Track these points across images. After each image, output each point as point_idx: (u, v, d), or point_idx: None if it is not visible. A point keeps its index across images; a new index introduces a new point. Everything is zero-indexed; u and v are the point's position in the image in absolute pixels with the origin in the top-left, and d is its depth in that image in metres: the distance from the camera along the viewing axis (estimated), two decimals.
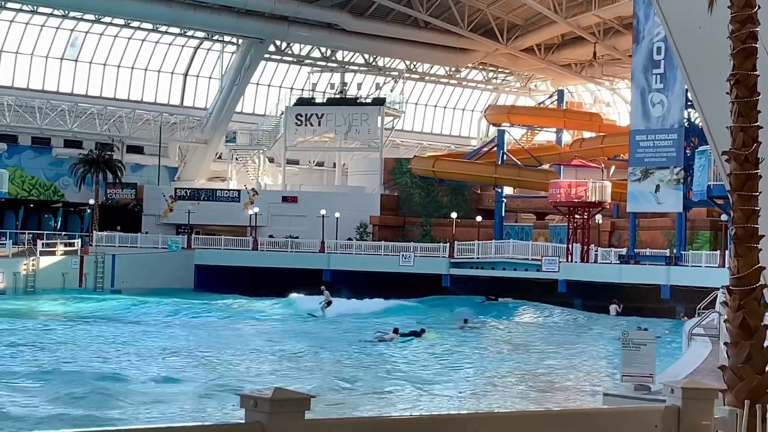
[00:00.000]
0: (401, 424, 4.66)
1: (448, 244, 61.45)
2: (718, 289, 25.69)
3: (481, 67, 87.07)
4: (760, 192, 6.47)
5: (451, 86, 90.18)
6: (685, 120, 55.17)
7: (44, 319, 43.04)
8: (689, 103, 52.29)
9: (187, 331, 40.49)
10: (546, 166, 69.23)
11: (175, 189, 71.17)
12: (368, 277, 59.50)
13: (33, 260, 58.72)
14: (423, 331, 39.69)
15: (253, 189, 71.20)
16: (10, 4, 68.08)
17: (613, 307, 50.92)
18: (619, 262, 55.56)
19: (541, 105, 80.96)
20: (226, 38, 76.20)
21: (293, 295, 55.14)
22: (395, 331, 38.47)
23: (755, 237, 6.47)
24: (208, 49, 77.62)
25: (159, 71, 76.12)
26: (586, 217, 59.02)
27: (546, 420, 5.16)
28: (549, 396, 25.82)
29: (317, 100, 76.58)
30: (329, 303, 50.65)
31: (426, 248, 62.34)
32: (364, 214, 69.22)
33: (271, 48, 76.89)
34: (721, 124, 6.15)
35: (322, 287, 52.70)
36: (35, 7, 68.62)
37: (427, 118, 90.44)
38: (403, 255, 60.78)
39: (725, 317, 5.89)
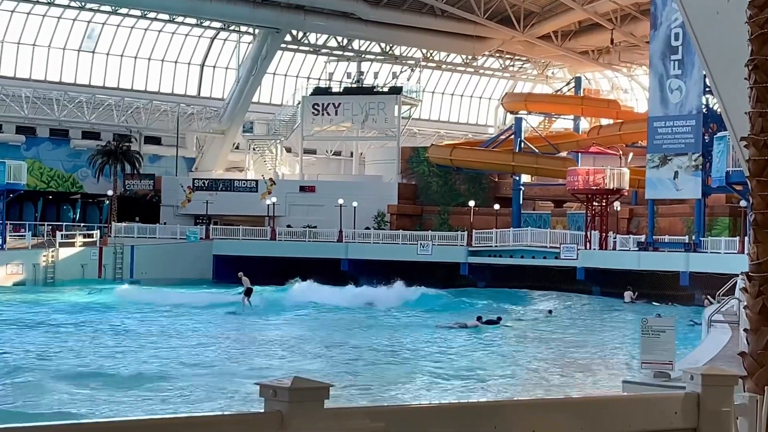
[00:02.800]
0: (420, 413, 4.66)
1: (466, 233, 61.46)
2: (737, 275, 25.65)
3: (497, 54, 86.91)
4: None
5: (468, 74, 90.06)
6: (703, 106, 54.98)
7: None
8: (707, 89, 52.09)
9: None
10: (564, 154, 69.10)
11: (193, 179, 71.33)
12: (386, 266, 59.55)
13: (52, 252, 58.99)
14: (499, 318, 40.45)
15: (270, 179, 71.29)
16: None
17: (627, 294, 50.92)
18: (637, 249, 55.44)
19: (559, 92, 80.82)
20: (243, 28, 76.28)
21: (122, 287, 51.73)
22: (478, 318, 39.24)
23: None
24: (225, 39, 77.73)
25: (176, 62, 76.29)
26: (604, 204, 58.89)
27: (565, 407, 5.15)
28: (569, 383, 25.81)
29: (334, 90, 76.63)
30: (250, 291, 46.53)
31: (444, 237, 62.36)
32: (381, 203, 69.25)
33: (288, 38, 76.94)
34: (740, 109, 6.11)
35: (240, 273, 48.05)
36: None
37: (444, 106, 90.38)
38: (421, 244, 60.81)
39: (745, 303, 5.86)
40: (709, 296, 41.90)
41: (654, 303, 48.61)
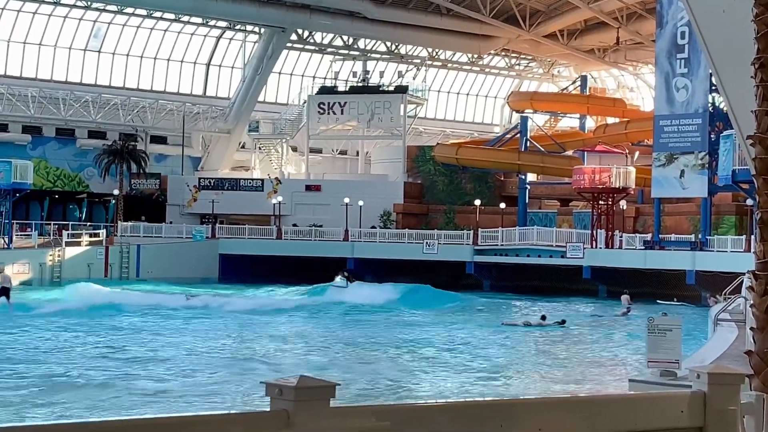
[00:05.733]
0: (426, 411, 4.67)
1: (471, 232, 61.45)
2: (743, 274, 25.61)
3: (503, 53, 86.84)
4: None
5: (474, 73, 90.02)
6: (709, 104, 54.90)
7: None
8: (713, 88, 52.07)
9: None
10: (570, 153, 69.08)
11: (199, 179, 71.39)
12: (392, 265, 59.62)
13: (58, 251, 59.08)
14: (564, 321, 40.62)
15: (276, 178, 71.33)
16: None
17: (624, 298, 50.88)
18: (643, 247, 55.41)
19: (564, 91, 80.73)
20: (248, 27, 76.29)
21: None
22: (543, 317, 39.76)
23: None
24: (231, 39, 77.75)
25: (181, 61, 76.32)
26: (610, 203, 58.86)
27: (571, 406, 5.15)
28: (575, 382, 25.78)
29: (340, 89, 76.58)
30: (5, 291, 40.58)
31: (450, 236, 62.35)
32: (387, 202, 69.26)
33: (293, 37, 76.94)
34: (746, 108, 6.10)
35: (1, 266, 44.14)
36: None
37: (450, 105, 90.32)
38: (426, 242, 60.80)
39: (751, 302, 5.85)
40: (715, 295, 41.93)
41: (659, 301, 48.42)
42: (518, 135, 69.40)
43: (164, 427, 3.89)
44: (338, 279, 53.19)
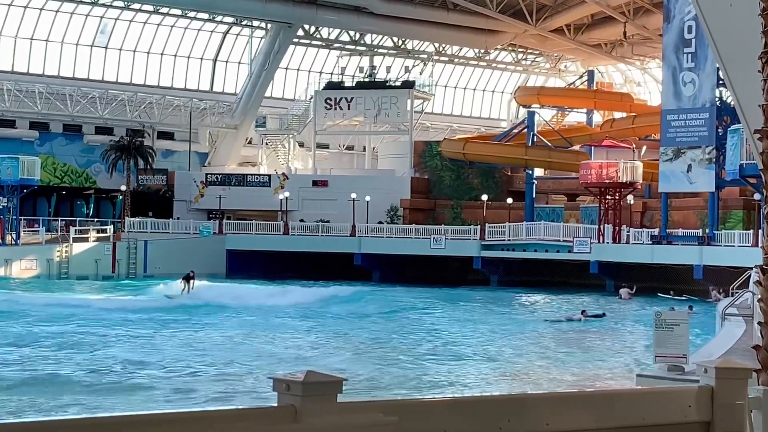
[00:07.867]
0: (433, 406, 4.67)
1: (479, 227, 61.41)
2: (751, 268, 25.59)
3: (510, 48, 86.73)
4: None
5: (481, 68, 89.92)
6: (716, 99, 54.80)
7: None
8: (721, 82, 51.96)
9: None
10: (577, 147, 68.95)
11: (206, 174, 71.42)
12: (399, 260, 59.61)
13: (66, 247, 59.16)
14: (604, 314, 41.07)
15: (283, 173, 71.32)
16: None
17: (624, 291, 50.84)
18: (651, 242, 55.38)
19: (571, 86, 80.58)
20: (255, 23, 76.30)
21: None
22: (583, 312, 40.16)
23: None
24: (237, 34, 77.74)
25: (188, 57, 76.33)
26: (617, 197, 58.80)
27: (579, 401, 5.15)
28: (582, 377, 25.75)
29: (346, 84, 76.56)
30: None
31: (457, 231, 62.33)
32: (394, 197, 69.22)
33: (300, 32, 76.93)
34: (753, 102, 6.10)
35: None
36: None
37: (457, 100, 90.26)
38: (434, 238, 60.79)
39: (759, 297, 5.84)
40: (716, 291, 41.96)
41: (660, 294, 48.34)
42: (525, 130, 69.32)
43: (172, 422, 3.90)
44: (178, 283, 49.14)
